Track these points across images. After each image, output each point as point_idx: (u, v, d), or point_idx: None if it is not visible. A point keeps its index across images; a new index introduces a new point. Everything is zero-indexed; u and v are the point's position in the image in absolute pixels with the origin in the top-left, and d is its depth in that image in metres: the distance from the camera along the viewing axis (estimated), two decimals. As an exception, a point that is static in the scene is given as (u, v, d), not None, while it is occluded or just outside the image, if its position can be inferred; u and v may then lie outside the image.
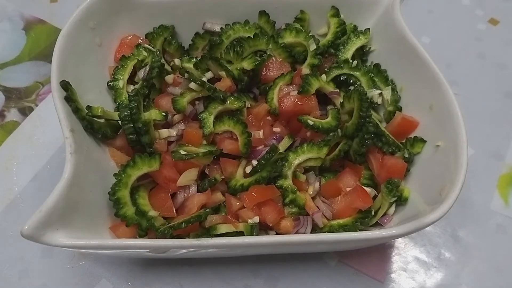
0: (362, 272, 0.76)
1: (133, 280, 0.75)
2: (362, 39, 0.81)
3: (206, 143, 0.72)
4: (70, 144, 0.61)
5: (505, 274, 0.77)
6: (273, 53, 0.79)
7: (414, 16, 1.06)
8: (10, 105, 0.94)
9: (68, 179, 0.58)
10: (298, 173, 0.71)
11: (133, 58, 0.78)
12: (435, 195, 0.63)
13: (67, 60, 0.68)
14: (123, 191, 0.65)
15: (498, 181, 0.86)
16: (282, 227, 0.67)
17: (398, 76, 0.79)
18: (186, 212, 0.67)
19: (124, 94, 0.76)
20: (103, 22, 0.76)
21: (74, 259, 0.76)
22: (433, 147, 0.70)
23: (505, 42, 1.04)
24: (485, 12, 1.09)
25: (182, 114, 0.74)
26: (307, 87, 0.73)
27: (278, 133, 0.74)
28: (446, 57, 1.01)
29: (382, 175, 0.71)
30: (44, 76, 0.98)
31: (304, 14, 0.84)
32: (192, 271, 0.76)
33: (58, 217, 0.56)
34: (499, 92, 0.97)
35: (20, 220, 0.79)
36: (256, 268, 0.76)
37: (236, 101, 0.74)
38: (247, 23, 0.82)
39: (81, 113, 0.67)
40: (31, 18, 1.07)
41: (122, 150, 0.73)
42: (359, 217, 0.68)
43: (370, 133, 0.69)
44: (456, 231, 0.80)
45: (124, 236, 0.65)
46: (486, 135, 0.90)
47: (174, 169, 0.68)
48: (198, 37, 0.84)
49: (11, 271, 0.76)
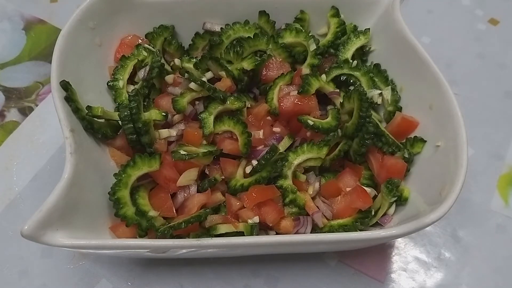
0: (362, 272, 0.76)
1: (133, 280, 0.75)
2: (362, 39, 0.81)
3: (206, 143, 0.72)
4: (70, 144, 0.61)
5: (505, 274, 0.77)
6: (273, 53, 0.79)
7: (414, 16, 1.06)
8: (10, 105, 0.94)
9: (68, 179, 0.58)
10: (298, 173, 0.71)
11: (133, 58, 0.78)
12: (435, 195, 0.63)
13: (67, 60, 0.68)
14: (123, 191, 0.65)
15: (498, 181, 0.85)
16: (282, 227, 0.67)
17: (398, 76, 0.79)
18: (186, 212, 0.67)
19: (124, 94, 0.76)
20: (103, 22, 0.76)
21: (74, 259, 0.76)
22: (433, 147, 0.70)
23: (505, 42, 1.04)
24: (485, 12, 1.09)
25: (182, 114, 0.74)
26: (307, 87, 0.73)
27: (278, 133, 0.74)
28: (446, 57, 1.01)
29: (382, 175, 0.71)
30: (44, 76, 0.98)
31: (304, 14, 0.84)
32: (192, 271, 0.75)
33: (58, 217, 0.56)
34: (499, 92, 0.97)
35: (20, 220, 0.79)
36: (256, 268, 0.76)
37: (236, 101, 0.74)
38: (247, 23, 0.82)
39: (81, 113, 0.67)
40: (31, 18, 1.07)
41: (122, 150, 0.73)
42: (359, 217, 0.68)
43: (370, 133, 0.69)
44: (456, 231, 0.80)
45: (124, 236, 0.65)
46: (486, 135, 0.90)
47: (174, 169, 0.68)
48: (198, 37, 0.84)
49: (11, 271, 0.76)
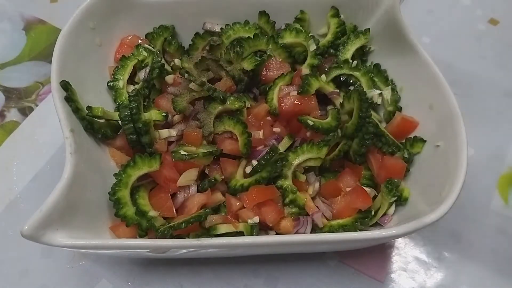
0: (362, 272, 0.76)
1: (133, 280, 0.75)
2: (362, 39, 0.81)
3: (206, 143, 0.72)
4: (70, 144, 0.61)
5: (505, 274, 0.77)
6: (273, 53, 0.79)
7: (414, 16, 1.06)
8: (10, 105, 0.94)
9: (68, 179, 0.58)
10: (298, 173, 0.71)
11: (133, 58, 0.78)
12: (435, 195, 0.63)
13: (67, 60, 0.68)
14: (123, 191, 0.65)
15: (498, 181, 0.85)
16: (282, 227, 0.67)
17: (398, 76, 0.79)
18: (186, 212, 0.67)
19: (124, 94, 0.76)
20: (103, 22, 0.76)
21: (74, 259, 0.76)
22: (433, 147, 0.70)
23: (505, 42, 1.04)
24: (485, 12, 1.09)
25: (182, 114, 0.74)
26: (307, 87, 0.73)
27: (278, 133, 0.74)
28: (446, 57, 1.01)
29: (382, 175, 0.71)
30: (44, 76, 0.98)
31: (304, 14, 0.84)
32: (192, 271, 0.76)
33: (58, 217, 0.56)
34: (499, 92, 0.97)
35: (20, 220, 0.78)
36: (256, 268, 0.76)
37: (236, 102, 0.74)
38: (247, 23, 0.82)
39: (81, 113, 0.67)
40: (31, 18, 1.07)
41: (122, 150, 0.73)
42: (359, 217, 0.68)
43: (370, 133, 0.69)
44: (456, 231, 0.80)
45: (124, 236, 0.65)
46: (486, 135, 0.90)
47: (174, 169, 0.68)
48: (198, 37, 0.84)
49: (11, 271, 0.76)
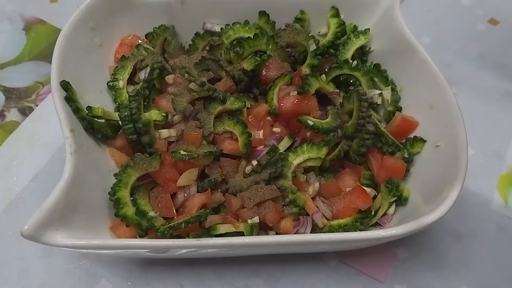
0: (362, 272, 0.76)
1: (133, 280, 0.75)
2: (362, 39, 0.82)
3: (206, 143, 0.72)
4: (70, 144, 0.61)
5: (505, 274, 0.77)
6: (273, 53, 0.79)
7: (414, 16, 1.06)
8: (10, 105, 0.94)
9: (68, 179, 0.58)
10: (298, 173, 0.71)
11: (133, 58, 0.78)
12: (435, 195, 0.63)
13: (67, 60, 0.68)
14: (123, 191, 0.65)
15: (498, 181, 0.86)
16: (282, 227, 0.67)
17: (398, 76, 0.79)
18: (186, 212, 0.67)
19: (124, 94, 0.76)
20: (103, 22, 0.76)
21: (74, 259, 0.76)
22: (433, 147, 0.70)
23: (505, 42, 1.04)
24: (485, 12, 1.09)
25: (182, 114, 0.74)
26: (307, 87, 0.73)
27: (278, 133, 0.74)
28: (446, 57, 1.01)
29: (382, 175, 0.71)
30: (44, 76, 0.98)
31: (304, 14, 0.84)
32: (192, 271, 0.75)
33: (58, 217, 0.56)
34: (499, 92, 0.97)
35: (20, 220, 0.78)
36: (256, 268, 0.76)
37: (236, 102, 0.74)
38: (247, 23, 0.82)
39: (81, 113, 0.67)
40: (31, 18, 1.07)
41: (122, 150, 0.73)
42: (359, 217, 0.68)
43: (370, 133, 0.69)
44: (456, 231, 0.80)
45: (124, 236, 0.65)
46: (486, 135, 0.90)
47: (174, 169, 0.68)
48: (198, 37, 0.84)
49: (11, 271, 0.76)
